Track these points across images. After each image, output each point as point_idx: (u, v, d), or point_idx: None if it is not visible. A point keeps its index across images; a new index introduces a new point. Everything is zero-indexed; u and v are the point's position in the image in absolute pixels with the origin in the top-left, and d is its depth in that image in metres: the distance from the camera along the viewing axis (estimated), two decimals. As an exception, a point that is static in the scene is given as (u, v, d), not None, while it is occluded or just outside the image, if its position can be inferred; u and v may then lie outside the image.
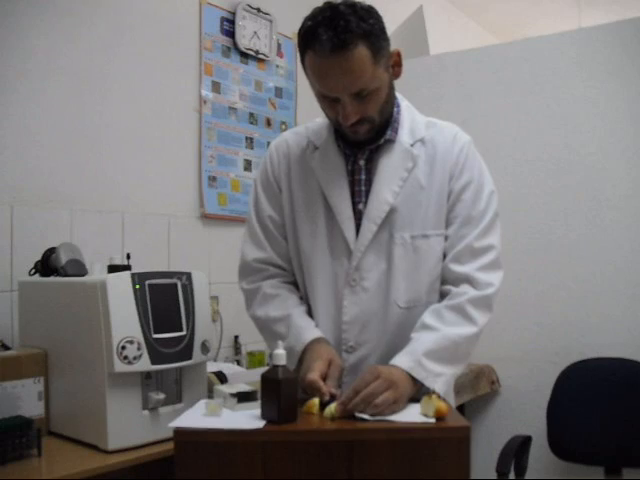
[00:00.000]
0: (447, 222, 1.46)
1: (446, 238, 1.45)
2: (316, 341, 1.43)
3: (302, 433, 1.19)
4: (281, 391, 1.20)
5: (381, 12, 1.38)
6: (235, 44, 2.80)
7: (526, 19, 4.98)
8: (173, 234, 2.52)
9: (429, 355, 1.33)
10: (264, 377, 1.24)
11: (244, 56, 2.85)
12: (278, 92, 3.02)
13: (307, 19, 1.34)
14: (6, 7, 2.02)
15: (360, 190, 1.47)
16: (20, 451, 1.48)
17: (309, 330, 1.45)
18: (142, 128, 2.43)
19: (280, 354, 1.24)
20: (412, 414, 1.24)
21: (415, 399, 1.30)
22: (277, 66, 3.02)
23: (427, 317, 1.40)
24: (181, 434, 1.19)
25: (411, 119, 1.50)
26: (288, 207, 1.53)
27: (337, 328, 1.46)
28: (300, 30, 1.35)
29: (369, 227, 1.44)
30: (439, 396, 1.25)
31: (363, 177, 1.47)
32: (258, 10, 2.88)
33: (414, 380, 1.32)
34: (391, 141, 1.47)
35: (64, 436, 1.65)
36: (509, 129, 2.97)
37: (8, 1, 2.02)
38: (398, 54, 1.41)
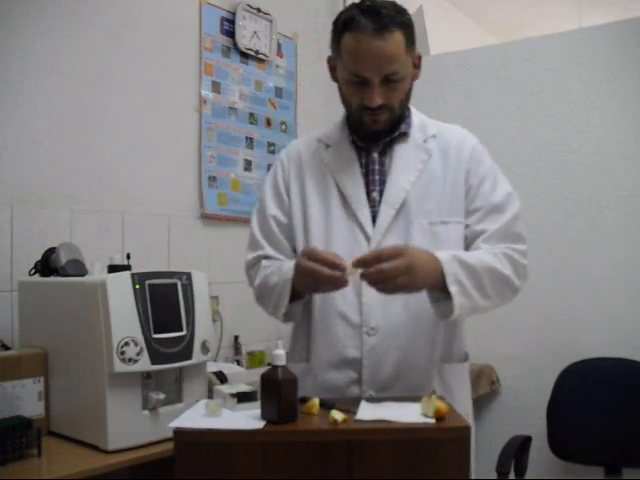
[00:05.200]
0: (468, 213, 1.50)
1: (467, 228, 1.50)
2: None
3: (302, 433, 1.20)
4: (281, 391, 1.20)
5: (381, 12, 1.40)
6: (235, 44, 2.80)
7: (526, 19, 4.97)
8: (173, 234, 2.52)
9: (463, 264, 1.38)
10: (264, 377, 1.24)
11: (244, 56, 2.85)
12: (278, 92, 3.02)
13: (346, 9, 1.45)
14: (6, 7, 2.02)
15: (374, 179, 1.52)
16: (20, 451, 1.48)
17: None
18: (142, 128, 2.42)
19: (280, 354, 1.24)
20: (412, 414, 1.24)
21: (415, 399, 1.31)
22: (277, 66, 3.02)
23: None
24: (181, 434, 1.19)
25: (420, 120, 1.58)
26: (299, 205, 1.56)
27: (357, 311, 1.48)
28: (339, 17, 1.45)
29: (387, 211, 1.48)
30: (439, 396, 1.26)
31: (377, 167, 1.53)
32: (258, 10, 2.88)
33: (440, 275, 1.35)
34: (405, 135, 1.53)
35: (64, 436, 1.65)
36: (509, 129, 2.97)
37: (8, 1, 2.02)
38: (419, 57, 1.51)
